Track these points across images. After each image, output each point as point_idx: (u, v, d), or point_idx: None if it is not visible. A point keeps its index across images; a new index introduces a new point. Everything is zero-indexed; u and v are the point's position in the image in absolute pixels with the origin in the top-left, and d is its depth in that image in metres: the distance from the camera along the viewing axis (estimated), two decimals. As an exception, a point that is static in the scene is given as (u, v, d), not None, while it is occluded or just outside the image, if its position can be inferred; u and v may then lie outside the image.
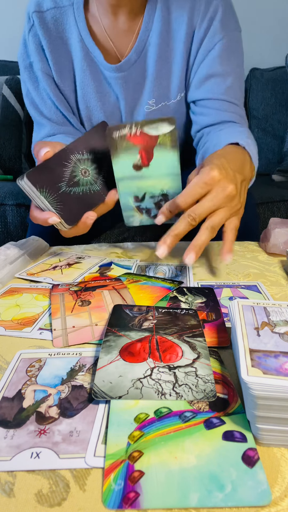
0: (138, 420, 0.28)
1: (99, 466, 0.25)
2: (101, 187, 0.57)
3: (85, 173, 0.56)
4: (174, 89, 0.80)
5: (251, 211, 0.83)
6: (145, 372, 0.33)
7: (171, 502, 0.23)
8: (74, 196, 0.55)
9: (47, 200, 0.52)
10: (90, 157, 0.57)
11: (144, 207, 0.59)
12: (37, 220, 0.54)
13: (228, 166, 0.54)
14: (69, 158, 0.55)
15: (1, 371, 0.35)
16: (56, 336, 0.40)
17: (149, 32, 0.75)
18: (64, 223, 0.54)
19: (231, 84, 0.77)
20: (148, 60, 0.77)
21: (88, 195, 0.56)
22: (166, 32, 0.75)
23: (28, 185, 0.51)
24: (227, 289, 0.52)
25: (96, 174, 0.57)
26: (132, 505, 0.22)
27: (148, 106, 0.81)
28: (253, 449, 0.26)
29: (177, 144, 0.54)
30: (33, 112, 0.83)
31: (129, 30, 0.76)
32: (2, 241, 1.25)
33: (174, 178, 0.56)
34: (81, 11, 0.74)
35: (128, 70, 0.77)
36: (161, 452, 0.26)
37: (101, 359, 0.34)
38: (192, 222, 0.50)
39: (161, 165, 0.55)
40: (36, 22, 0.74)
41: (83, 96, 0.80)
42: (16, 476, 0.25)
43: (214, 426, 0.28)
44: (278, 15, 2.03)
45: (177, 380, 0.32)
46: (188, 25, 0.74)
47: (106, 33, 0.76)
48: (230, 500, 0.23)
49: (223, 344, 0.38)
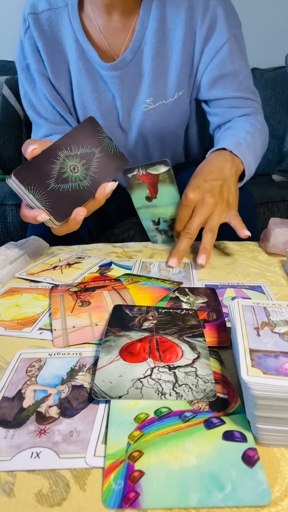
0: (138, 420, 0.28)
1: (99, 466, 0.25)
2: (91, 183, 0.57)
3: (74, 169, 0.56)
4: (171, 88, 0.80)
5: (250, 211, 0.83)
6: (145, 372, 0.33)
7: (171, 502, 0.23)
8: (64, 193, 0.54)
9: (35, 197, 0.52)
10: (79, 153, 0.57)
11: (162, 229, 0.73)
12: (27, 218, 0.54)
13: (203, 181, 0.65)
14: (57, 154, 0.54)
15: (1, 371, 0.35)
16: (56, 336, 0.40)
17: (145, 31, 0.75)
18: (53, 220, 0.53)
19: (242, 80, 0.80)
20: (144, 59, 0.77)
21: (78, 191, 0.56)
22: (162, 31, 0.75)
23: (16, 183, 0.51)
24: (231, 289, 0.52)
25: (85, 170, 0.57)
26: (132, 505, 0.22)
27: (146, 105, 0.81)
28: (253, 449, 0.26)
29: (174, 180, 0.66)
30: (31, 112, 0.83)
31: (123, 28, 0.76)
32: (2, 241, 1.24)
33: (177, 206, 0.69)
34: (76, 11, 0.75)
35: (124, 69, 0.77)
36: (161, 452, 0.26)
37: (101, 359, 0.34)
38: (190, 237, 0.62)
39: (165, 196, 0.68)
40: (31, 24, 0.75)
41: (79, 95, 0.80)
42: (16, 476, 0.25)
43: (214, 426, 0.28)
44: (278, 15, 2.03)
45: (177, 380, 0.32)
46: (187, 25, 0.74)
47: (100, 32, 0.76)
48: (230, 500, 0.23)
49: (224, 343, 0.38)
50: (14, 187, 0.52)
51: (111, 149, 0.60)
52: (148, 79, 0.78)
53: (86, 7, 0.75)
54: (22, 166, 0.52)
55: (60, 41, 0.77)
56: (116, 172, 0.60)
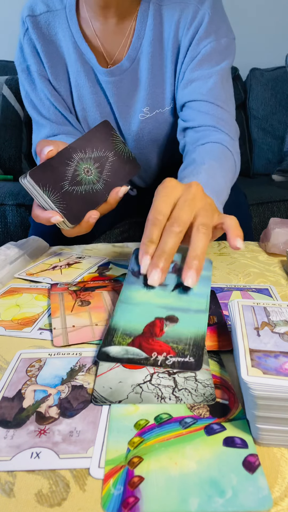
0: (138, 426, 0.28)
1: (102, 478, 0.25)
2: (104, 186, 0.57)
3: (87, 172, 0.56)
4: (168, 96, 0.80)
5: (243, 211, 0.83)
6: (145, 377, 0.33)
7: (171, 507, 0.22)
8: (77, 195, 0.55)
9: (50, 198, 0.52)
10: (93, 156, 0.57)
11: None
12: (39, 219, 0.54)
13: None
14: (71, 157, 0.55)
15: (1, 371, 0.35)
16: (56, 334, 0.40)
17: (142, 40, 0.76)
18: (67, 222, 0.54)
19: (213, 85, 0.74)
20: (140, 68, 0.78)
21: (91, 194, 0.56)
22: (158, 41, 0.75)
23: (31, 183, 0.51)
24: (237, 292, 0.51)
25: (99, 173, 0.57)
26: (132, 510, 0.22)
27: (143, 114, 0.81)
28: (254, 455, 0.26)
29: None
30: (33, 113, 0.84)
31: (119, 32, 0.76)
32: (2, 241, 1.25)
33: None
34: (74, 14, 0.75)
35: (120, 76, 0.78)
36: (161, 458, 0.25)
37: (101, 365, 0.34)
38: (177, 229, 0.43)
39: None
40: (30, 26, 0.76)
41: (78, 97, 0.81)
42: (16, 476, 0.25)
43: (214, 432, 0.27)
44: (278, 15, 2.03)
45: (176, 385, 0.32)
46: (174, 35, 0.74)
47: (96, 36, 0.76)
48: (230, 505, 0.22)
49: (225, 348, 0.37)
50: (28, 188, 0.52)
51: (124, 153, 0.60)
52: (144, 89, 0.79)
53: (82, 11, 0.76)
54: (37, 167, 0.52)
55: (58, 43, 0.78)
56: (128, 176, 0.60)
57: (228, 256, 0.66)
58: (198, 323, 0.38)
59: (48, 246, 0.73)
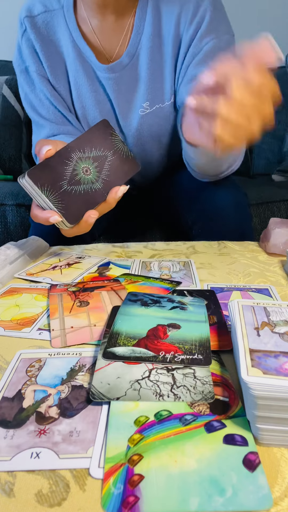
0: (138, 423, 0.28)
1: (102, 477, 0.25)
2: (103, 185, 0.57)
3: (86, 171, 0.56)
4: (167, 91, 0.80)
5: (244, 211, 0.83)
6: (143, 373, 0.33)
7: (171, 506, 0.22)
8: (76, 195, 0.55)
9: (48, 198, 0.52)
10: (92, 155, 0.57)
11: None
12: (38, 219, 0.54)
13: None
14: (70, 156, 0.55)
15: (1, 371, 0.35)
16: (54, 336, 0.40)
17: (141, 36, 0.76)
18: (65, 222, 0.54)
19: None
20: (140, 63, 0.78)
21: (90, 194, 0.56)
22: (157, 36, 0.76)
23: (29, 183, 0.51)
24: (237, 292, 0.51)
25: (98, 172, 0.57)
26: (132, 509, 0.22)
27: (143, 109, 0.81)
28: (254, 453, 0.26)
29: None
30: (32, 114, 0.84)
31: (117, 30, 0.76)
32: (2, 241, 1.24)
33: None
34: (71, 13, 0.76)
35: (120, 72, 0.78)
36: (161, 455, 0.26)
37: (99, 360, 0.34)
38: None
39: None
40: (28, 27, 0.76)
41: (78, 96, 0.81)
42: (16, 476, 0.25)
43: (214, 430, 0.27)
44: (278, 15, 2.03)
45: (175, 382, 0.32)
46: (175, 30, 0.75)
47: (94, 33, 0.77)
48: (230, 504, 0.22)
49: (225, 347, 0.38)
50: (27, 187, 0.52)
51: (123, 152, 0.60)
52: (144, 84, 0.79)
53: (80, 9, 0.77)
54: (35, 166, 0.52)
55: (57, 42, 0.78)
56: (127, 175, 0.60)
57: (228, 256, 0.66)
58: (201, 330, 0.39)
59: (48, 246, 0.73)
